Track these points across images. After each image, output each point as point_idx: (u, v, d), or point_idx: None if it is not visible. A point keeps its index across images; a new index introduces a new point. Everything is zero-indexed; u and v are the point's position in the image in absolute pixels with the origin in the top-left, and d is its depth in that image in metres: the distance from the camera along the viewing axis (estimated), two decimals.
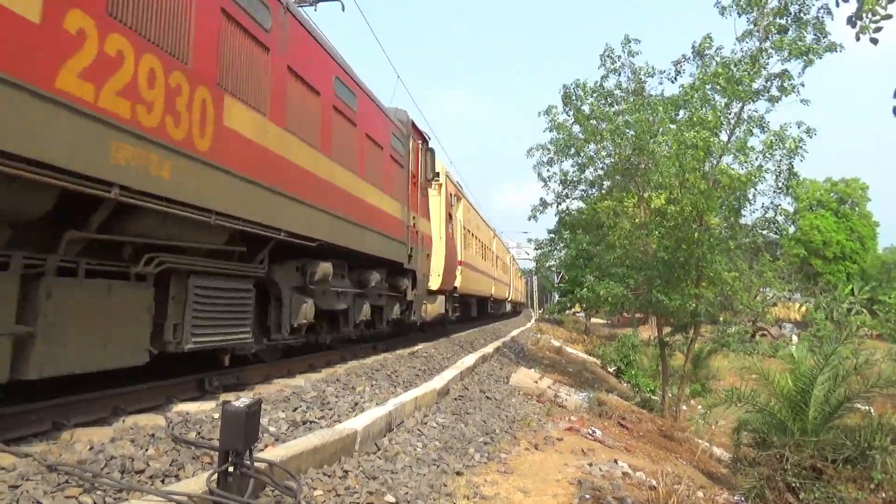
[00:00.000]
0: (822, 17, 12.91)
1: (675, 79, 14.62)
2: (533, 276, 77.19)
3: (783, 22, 13.27)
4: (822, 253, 53.10)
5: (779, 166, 13.54)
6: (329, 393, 6.93)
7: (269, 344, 8.11)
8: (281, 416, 5.59)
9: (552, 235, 21.25)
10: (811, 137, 13.26)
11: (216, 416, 5.05)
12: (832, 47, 12.91)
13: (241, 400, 3.68)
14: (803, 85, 13.39)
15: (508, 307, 45.44)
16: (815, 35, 13.06)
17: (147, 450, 4.26)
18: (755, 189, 13.66)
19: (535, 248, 23.28)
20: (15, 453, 3.94)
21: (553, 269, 44.38)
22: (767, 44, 13.48)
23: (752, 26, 13.63)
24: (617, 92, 14.68)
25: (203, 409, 5.72)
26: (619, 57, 14.59)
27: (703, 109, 13.09)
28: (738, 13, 13.67)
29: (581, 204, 16.48)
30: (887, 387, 9.84)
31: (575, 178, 15.63)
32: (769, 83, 13.57)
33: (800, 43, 12.92)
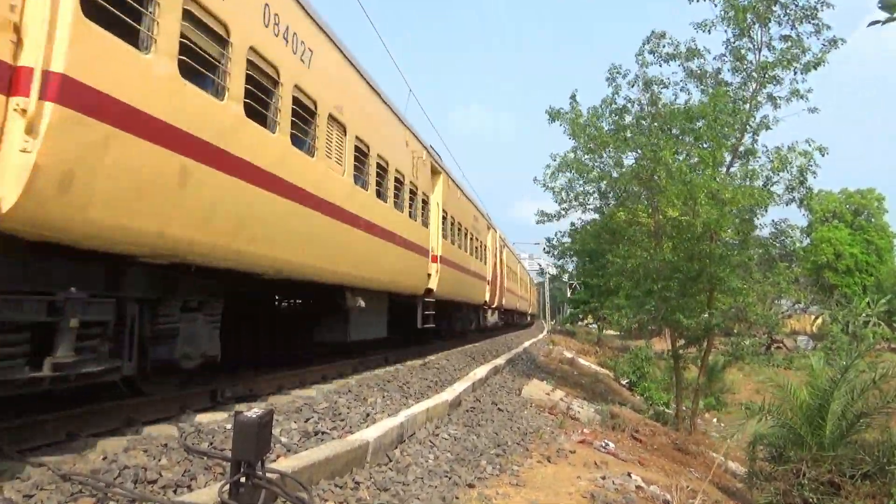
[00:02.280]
0: (821, 7, 12.79)
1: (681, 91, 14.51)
2: (545, 286, 76.91)
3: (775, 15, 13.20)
4: (834, 266, 52.51)
5: (790, 183, 13.41)
6: (341, 404, 6.93)
7: None
8: (293, 427, 5.59)
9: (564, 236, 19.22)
10: (823, 156, 13.10)
11: (228, 426, 5.06)
12: (832, 45, 12.81)
13: (254, 411, 3.69)
14: (811, 90, 13.31)
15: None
16: (814, 27, 12.95)
17: (160, 460, 4.28)
18: (765, 206, 13.54)
19: (548, 249, 20.76)
20: (30, 463, 3.97)
21: (565, 276, 43.77)
22: (766, 53, 13.43)
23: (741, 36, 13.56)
24: (630, 106, 14.56)
25: (215, 419, 5.74)
26: (628, 72, 14.45)
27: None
28: (727, 25, 13.60)
29: (592, 215, 16.28)
30: None
31: (585, 191, 15.45)
32: (766, 82, 13.45)
33: (798, 51, 12.85)
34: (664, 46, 14.07)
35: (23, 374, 4.04)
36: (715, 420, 22.46)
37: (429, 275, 14.35)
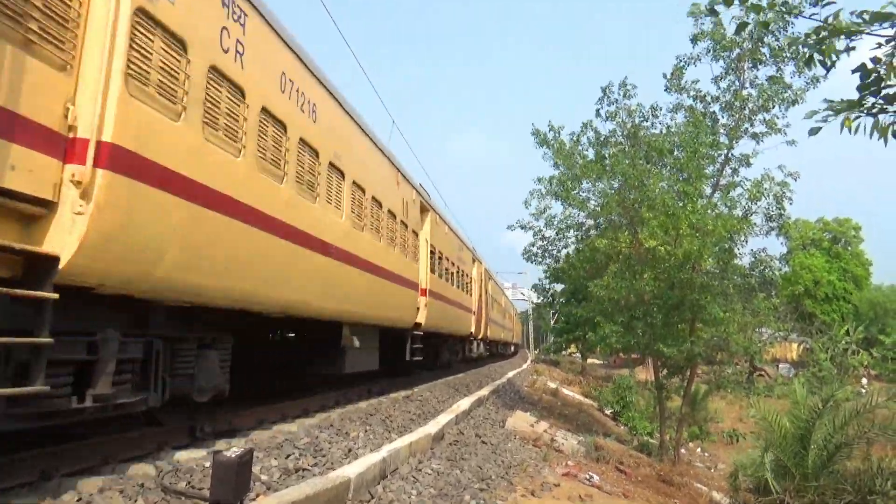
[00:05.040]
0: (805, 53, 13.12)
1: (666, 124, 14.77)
2: (529, 318, 76.88)
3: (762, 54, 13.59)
4: (813, 293, 53.24)
5: (768, 211, 13.71)
6: (322, 439, 6.85)
7: None
8: (273, 464, 5.51)
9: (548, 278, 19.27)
10: (795, 181, 13.48)
11: (207, 464, 4.97)
12: (813, 83, 13.22)
13: (233, 449, 3.64)
14: (789, 125, 13.69)
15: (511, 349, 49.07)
16: (795, 68, 13.33)
17: (136, 500, 4.19)
18: (745, 235, 13.78)
19: (534, 292, 20.84)
20: None
21: (548, 308, 43.91)
22: (749, 90, 13.81)
23: (730, 74, 13.94)
24: (612, 139, 14.78)
25: (194, 456, 5.64)
26: (616, 101, 14.67)
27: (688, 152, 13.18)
28: (713, 58, 14.00)
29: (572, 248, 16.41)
30: (882, 433, 9.78)
31: (567, 224, 15.58)
32: (751, 118, 13.84)
33: (783, 91, 13.23)
34: (674, 78, 14.43)
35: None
36: (699, 450, 22.39)
37: None
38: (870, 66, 4.49)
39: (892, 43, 4.28)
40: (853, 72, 4.58)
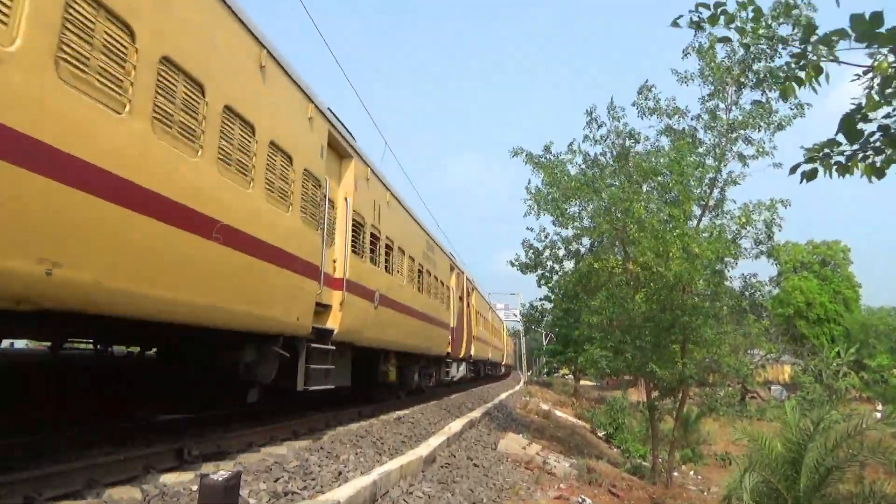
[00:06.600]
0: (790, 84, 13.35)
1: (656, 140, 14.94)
2: (521, 338, 76.66)
3: (745, 80, 13.82)
4: (805, 315, 53.48)
5: (757, 237, 13.86)
6: (312, 462, 6.77)
7: None
8: (262, 488, 5.44)
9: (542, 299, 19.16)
10: (786, 208, 13.66)
11: (195, 487, 4.91)
12: (800, 110, 13.44)
13: (220, 473, 3.60)
14: (776, 147, 13.87)
15: (503, 370, 49.33)
16: (779, 97, 13.55)
17: None
18: (733, 258, 13.92)
19: (527, 309, 20.42)
20: None
21: (542, 329, 43.83)
22: (735, 113, 14.01)
23: (715, 96, 14.16)
24: (602, 158, 14.94)
25: (181, 480, 5.57)
26: (603, 124, 14.85)
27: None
28: (701, 81, 14.22)
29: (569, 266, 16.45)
30: (872, 455, 9.75)
31: (560, 238, 15.69)
32: (734, 139, 14.03)
33: (767, 115, 13.43)
34: (648, 100, 14.61)
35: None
36: (692, 472, 22.29)
37: None
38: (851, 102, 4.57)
39: (870, 75, 4.34)
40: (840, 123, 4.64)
